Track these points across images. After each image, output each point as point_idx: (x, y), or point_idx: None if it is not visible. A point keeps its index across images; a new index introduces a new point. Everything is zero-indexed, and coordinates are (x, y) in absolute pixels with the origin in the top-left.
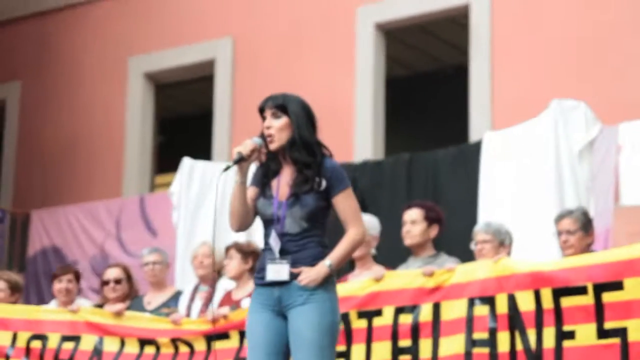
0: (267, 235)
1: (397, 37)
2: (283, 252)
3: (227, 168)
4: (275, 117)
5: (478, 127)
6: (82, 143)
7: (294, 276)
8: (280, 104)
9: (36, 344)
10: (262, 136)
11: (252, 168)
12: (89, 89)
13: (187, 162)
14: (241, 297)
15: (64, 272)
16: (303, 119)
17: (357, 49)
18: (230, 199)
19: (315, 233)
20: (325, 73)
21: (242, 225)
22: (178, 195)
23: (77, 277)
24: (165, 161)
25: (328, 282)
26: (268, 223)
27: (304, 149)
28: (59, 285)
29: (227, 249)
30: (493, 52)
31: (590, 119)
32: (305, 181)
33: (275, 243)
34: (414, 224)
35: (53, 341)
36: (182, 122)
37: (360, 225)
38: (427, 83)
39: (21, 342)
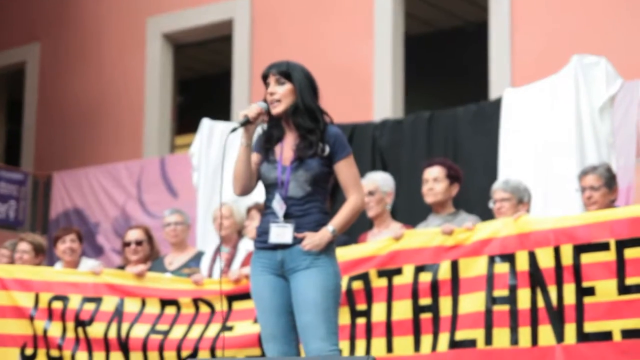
0: (269, 200)
1: None
2: (287, 216)
3: (233, 130)
4: (279, 84)
5: (498, 84)
6: (102, 104)
7: (297, 240)
8: (284, 71)
9: (57, 305)
10: (266, 103)
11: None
12: (108, 50)
13: (206, 122)
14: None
15: (67, 233)
16: (306, 85)
17: (376, 7)
18: (235, 162)
19: (318, 198)
20: (343, 31)
21: (245, 188)
22: (198, 156)
23: (80, 237)
24: (185, 122)
25: (330, 248)
26: (271, 187)
27: (307, 115)
28: (62, 246)
29: (249, 210)
30: (513, 9)
31: (611, 75)
32: (310, 146)
33: (279, 206)
34: (436, 181)
35: (74, 302)
36: (201, 83)
37: (361, 191)
38: (446, 40)
39: (43, 304)
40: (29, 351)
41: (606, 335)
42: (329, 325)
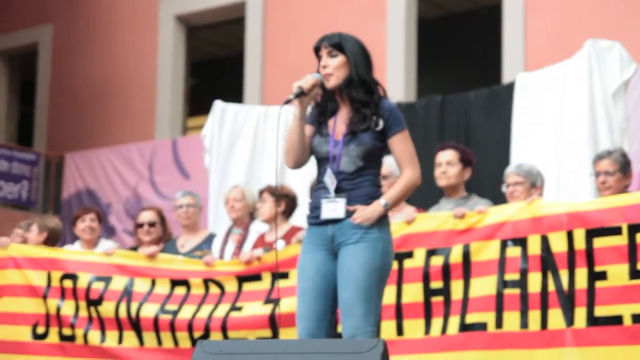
0: (321, 174)
1: None
2: (338, 191)
3: (287, 101)
4: (332, 56)
5: (511, 68)
6: (115, 86)
7: (348, 214)
8: (337, 43)
9: (68, 284)
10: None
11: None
12: (121, 31)
13: (218, 105)
14: (273, 239)
15: (87, 212)
16: (360, 57)
17: None
18: (287, 134)
19: (370, 172)
20: (356, 15)
21: (298, 161)
22: (210, 138)
23: (100, 217)
24: (197, 104)
25: (383, 222)
26: (323, 161)
27: (362, 88)
28: (82, 225)
29: (260, 193)
30: None
31: (625, 59)
32: (363, 119)
33: (331, 181)
34: (449, 165)
35: (83, 280)
36: (214, 65)
37: (416, 167)
38: (460, 24)
39: (55, 282)
40: (40, 329)
41: (617, 320)
42: (368, 305)
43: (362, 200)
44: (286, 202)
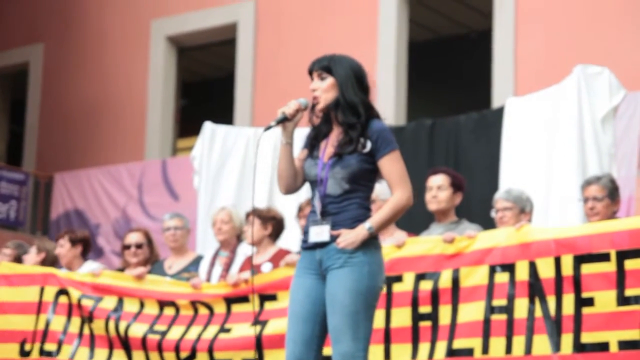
0: (312, 197)
1: (420, 1)
2: (324, 214)
3: (268, 127)
4: (321, 79)
5: (501, 92)
6: (105, 106)
7: (334, 238)
8: (326, 65)
9: (63, 299)
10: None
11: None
12: (112, 52)
13: (208, 126)
14: (261, 262)
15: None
16: (349, 79)
17: (380, 13)
18: (278, 161)
19: (358, 195)
20: (347, 37)
21: (290, 187)
22: (199, 160)
23: (88, 242)
24: (187, 125)
25: (369, 245)
26: (313, 185)
27: (349, 110)
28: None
29: (247, 215)
30: (517, 17)
31: (614, 85)
32: (349, 142)
33: (317, 204)
34: (440, 189)
35: (74, 297)
36: (204, 86)
37: (406, 189)
38: (450, 48)
39: (48, 297)
40: (27, 346)
41: (603, 346)
42: (356, 329)
43: (347, 224)
44: (273, 224)
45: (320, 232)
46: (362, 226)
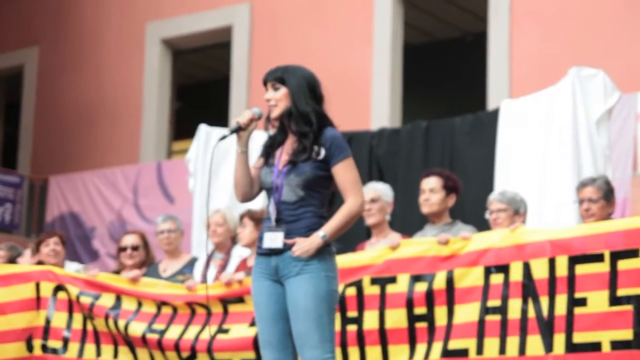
0: (267, 205)
1: (415, 4)
2: (279, 221)
3: (223, 137)
4: (275, 89)
5: (496, 95)
6: (100, 109)
7: (289, 246)
8: (279, 77)
9: (62, 295)
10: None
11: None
12: (107, 55)
13: (203, 128)
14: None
15: (50, 236)
16: (301, 89)
17: (375, 16)
18: (234, 169)
19: (312, 203)
20: (342, 40)
21: (246, 195)
22: (194, 162)
23: (63, 240)
24: (182, 128)
25: (324, 253)
26: (269, 192)
27: (301, 119)
28: (46, 249)
29: (241, 217)
30: (512, 20)
31: (608, 87)
32: (303, 150)
33: (272, 211)
34: (432, 192)
35: (73, 293)
36: (200, 89)
37: (359, 195)
38: (445, 50)
39: (45, 292)
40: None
41: (595, 346)
42: (322, 333)
43: (302, 232)
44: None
45: (274, 239)
46: (316, 234)
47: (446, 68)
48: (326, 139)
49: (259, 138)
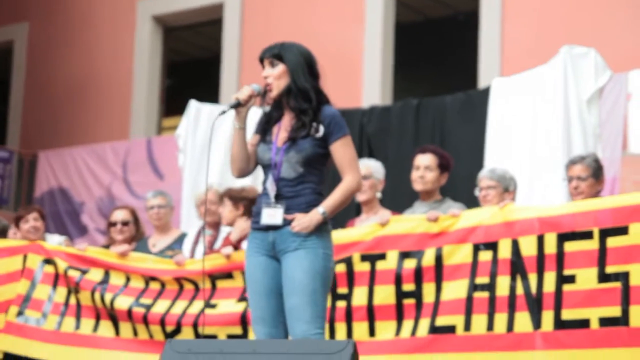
0: (265, 181)
1: None
2: (278, 197)
3: (222, 112)
4: (272, 66)
5: (487, 73)
6: (90, 85)
7: (287, 222)
8: (277, 53)
9: (49, 269)
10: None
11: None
12: (98, 31)
13: (193, 104)
14: (235, 239)
15: (29, 212)
16: (300, 66)
17: None
18: (231, 145)
19: (311, 179)
20: (334, 17)
21: (242, 171)
22: (184, 138)
23: (42, 215)
24: (173, 104)
25: (322, 229)
26: (266, 168)
27: (301, 96)
28: (26, 225)
29: (221, 197)
30: None
31: (600, 66)
32: (302, 126)
33: (271, 187)
34: (428, 169)
35: (61, 267)
36: (190, 66)
37: (357, 173)
38: (437, 28)
39: (31, 264)
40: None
41: (583, 323)
42: (315, 309)
43: (301, 208)
44: (244, 204)
45: (273, 215)
46: (315, 210)
47: (438, 46)
48: (325, 117)
49: (252, 114)
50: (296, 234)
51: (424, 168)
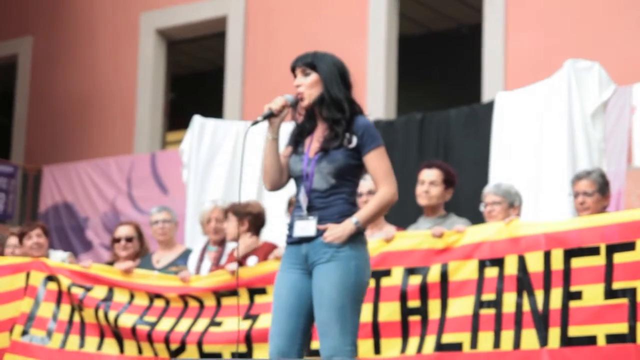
0: (297, 193)
1: None
2: (310, 209)
3: (255, 123)
4: (305, 75)
5: (491, 87)
6: (94, 99)
7: (320, 233)
8: (309, 62)
9: (52, 286)
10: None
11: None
12: (101, 45)
13: (197, 119)
14: (239, 256)
15: (32, 228)
16: (333, 75)
17: (370, 7)
18: (263, 157)
19: (344, 190)
20: (337, 31)
21: (275, 183)
22: (188, 154)
23: (45, 231)
24: (177, 118)
25: (356, 240)
26: (298, 180)
27: (334, 106)
28: (29, 242)
29: (226, 212)
30: (507, 12)
31: (604, 80)
32: (335, 137)
33: (303, 199)
34: (433, 184)
35: (64, 284)
36: (194, 79)
37: (392, 184)
38: (441, 42)
39: (34, 281)
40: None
41: (590, 340)
42: (344, 324)
43: (334, 218)
44: (249, 219)
45: (306, 227)
46: (349, 220)
47: (441, 60)
48: (359, 127)
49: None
50: (329, 244)
51: (429, 183)
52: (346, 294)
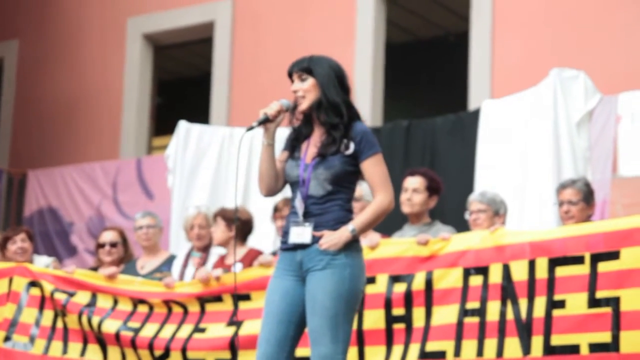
0: (293, 198)
1: (398, 2)
2: (307, 215)
3: (250, 128)
4: (301, 80)
5: (477, 95)
6: (80, 103)
7: (315, 240)
8: (306, 67)
9: (35, 292)
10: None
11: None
12: (88, 49)
13: (183, 125)
14: (231, 262)
15: (16, 233)
16: (330, 79)
17: (358, 13)
18: (259, 162)
19: (340, 197)
20: (325, 37)
21: (271, 189)
22: (174, 159)
23: (30, 236)
24: (163, 123)
25: (351, 248)
26: (294, 185)
27: (331, 110)
28: (13, 247)
29: (214, 216)
30: (494, 20)
31: (589, 89)
32: (332, 142)
33: (299, 205)
34: (415, 192)
35: (47, 290)
36: (181, 85)
37: (388, 192)
38: (427, 50)
39: (17, 287)
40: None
41: (573, 349)
42: (336, 332)
43: (329, 225)
44: (237, 226)
45: (301, 233)
46: (345, 228)
47: (428, 67)
48: (356, 133)
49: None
50: (324, 251)
51: (412, 190)
52: (340, 302)
